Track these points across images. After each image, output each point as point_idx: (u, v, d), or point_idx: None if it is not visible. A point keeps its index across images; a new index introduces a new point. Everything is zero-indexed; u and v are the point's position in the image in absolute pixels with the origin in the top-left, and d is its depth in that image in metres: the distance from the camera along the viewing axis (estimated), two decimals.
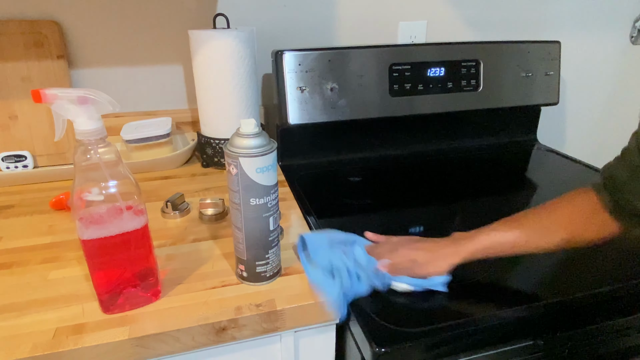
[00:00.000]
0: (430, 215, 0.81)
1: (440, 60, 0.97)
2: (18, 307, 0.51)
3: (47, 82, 0.85)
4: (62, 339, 0.46)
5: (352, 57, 0.91)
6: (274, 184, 0.51)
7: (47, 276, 0.57)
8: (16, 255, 0.61)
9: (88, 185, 0.45)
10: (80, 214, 0.46)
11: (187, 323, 0.49)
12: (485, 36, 1.16)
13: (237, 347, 0.55)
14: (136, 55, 0.96)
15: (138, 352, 0.48)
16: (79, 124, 0.43)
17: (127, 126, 0.90)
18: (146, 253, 0.51)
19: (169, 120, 0.93)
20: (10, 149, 0.84)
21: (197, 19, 0.96)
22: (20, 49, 0.83)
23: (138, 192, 0.48)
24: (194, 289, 0.54)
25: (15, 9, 0.85)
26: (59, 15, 0.88)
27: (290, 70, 0.88)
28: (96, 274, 0.49)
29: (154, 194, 0.80)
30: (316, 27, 1.04)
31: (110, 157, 0.46)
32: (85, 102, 0.43)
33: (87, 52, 0.92)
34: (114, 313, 0.50)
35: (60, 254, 0.61)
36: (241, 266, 0.55)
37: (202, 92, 0.87)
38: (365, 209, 0.81)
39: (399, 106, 0.96)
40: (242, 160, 0.48)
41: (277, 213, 0.53)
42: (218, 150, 0.89)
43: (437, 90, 0.98)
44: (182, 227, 0.69)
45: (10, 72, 0.83)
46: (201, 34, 0.81)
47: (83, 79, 0.94)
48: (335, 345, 0.60)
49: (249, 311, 0.51)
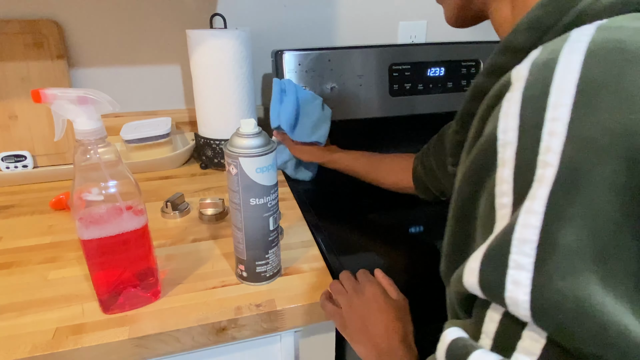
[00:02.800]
0: (430, 215, 0.81)
1: (440, 60, 0.97)
2: (18, 307, 0.51)
3: (46, 82, 0.85)
4: (62, 339, 0.46)
5: (352, 57, 0.91)
6: (274, 184, 0.51)
7: (47, 276, 0.57)
8: (16, 255, 0.61)
9: (88, 185, 0.45)
10: (80, 214, 0.46)
11: (187, 323, 0.49)
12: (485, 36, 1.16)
13: (237, 347, 0.55)
14: (136, 55, 0.96)
15: (138, 352, 0.48)
16: (79, 124, 0.43)
17: (127, 126, 0.90)
18: (146, 253, 0.51)
19: (168, 120, 0.93)
20: (10, 149, 0.84)
21: (197, 19, 0.96)
22: (20, 49, 0.83)
23: (138, 192, 0.48)
24: (194, 289, 0.54)
25: (15, 9, 0.85)
26: (59, 15, 0.88)
27: (290, 70, 0.88)
28: (96, 274, 0.49)
29: (154, 194, 0.80)
30: (316, 27, 1.04)
31: (110, 157, 0.46)
32: (85, 102, 0.43)
33: (86, 52, 0.92)
34: (114, 313, 0.50)
35: (60, 254, 0.61)
36: (241, 266, 0.55)
37: (200, 92, 0.87)
38: (365, 209, 0.81)
39: (399, 106, 0.96)
40: (242, 160, 0.48)
41: (277, 213, 0.53)
42: (218, 151, 0.89)
43: (437, 90, 0.98)
44: (182, 227, 0.69)
45: (10, 72, 0.83)
46: (198, 33, 0.81)
47: (83, 79, 0.94)
48: (335, 345, 0.60)
49: (249, 311, 0.51)
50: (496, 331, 0.25)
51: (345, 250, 0.66)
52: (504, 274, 0.23)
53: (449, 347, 0.26)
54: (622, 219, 0.21)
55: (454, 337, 0.26)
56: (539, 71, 0.25)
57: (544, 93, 0.24)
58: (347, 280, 0.52)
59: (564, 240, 0.22)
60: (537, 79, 0.25)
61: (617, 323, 0.20)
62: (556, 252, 0.22)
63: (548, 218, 0.22)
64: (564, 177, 0.22)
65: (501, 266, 0.23)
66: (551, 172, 0.22)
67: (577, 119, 0.22)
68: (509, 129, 0.25)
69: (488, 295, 0.24)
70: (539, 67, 0.25)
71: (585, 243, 0.21)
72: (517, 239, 0.23)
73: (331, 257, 0.63)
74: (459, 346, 0.26)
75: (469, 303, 0.28)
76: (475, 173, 0.28)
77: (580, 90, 0.23)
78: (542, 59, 0.25)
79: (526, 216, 0.23)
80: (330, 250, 0.65)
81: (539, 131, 0.23)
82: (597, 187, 0.22)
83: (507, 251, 0.23)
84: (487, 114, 0.28)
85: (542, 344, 0.22)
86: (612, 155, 0.21)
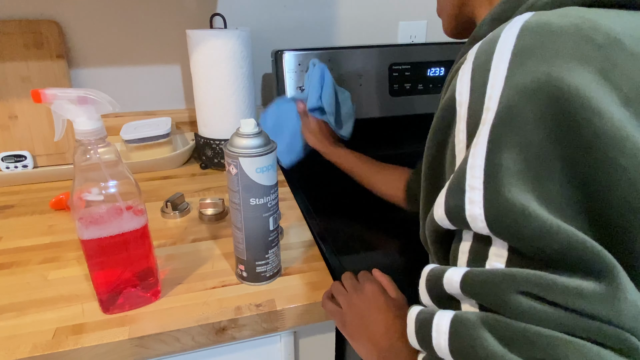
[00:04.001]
0: None
1: (440, 60, 0.97)
2: (18, 307, 0.51)
3: (46, 82, 0.85)
4: (62, 339, 0.46)
5: (352, 57, 0.91)
6: (274, 184, 0.51)
7: (47, 276, 0.57)
8: (16, 255, 0.61)
9: (88, 185, 0.45)
10: (80, 214, 0.46)
11: (187, 323, 0.49)
12: None
13: (237, 347, 0.55)
14: (136, 55, 0.96)
15: (138, 352, 0.48)
16: (79, 124, 0.43)
17: (127, 126, 0.90)
18: (146, 253, 0.51)
19: (168, 120, 0.93)
20: (10, 149, 0.84)
21: (197, 19, 0.96)
22: (20, 49, 0.83)
23: (138, 192, 0.48)
24: (194, 289, 0.54)
25: (15, 9, 0.85)
26: (59, 15, 0.88)
27: (290, 70, 0.88)
28: (96, 274, 0.49)
29: (154, 194, 0.80)
30: (316, 27, 1.04)
31: (110, 157, 0.46)
32: (85, 102, 0.43)
33: (86, 52, 0.92)
34: (113, 313, 0.50)
35: (60, 254, 0.61)
36: (241, 266, 0.55)
37: (200, 92, 0.87)
38: (365, 209, 0.81)
39: (399, 106, 0.96)
40: (242, 160, 0.48)
41: (277, 213, 0.53)
42: (218, 151, 0.89)
43: (437, 90, 0.98)
44: (182, 227, 0.69)
45: (10, 72, 0.83)
46: (198, 33, 0.81)
47: (83, 79, 0.94)
48: (335, 345, 0.60)
49: (249, 311, 0.51)
50: (467, 258, 0.30)
51: (345, 250, 0.66)
52: (462, 197, 0.28)
53: (428, 276, 0.31)
54: (551, 146, 0.26)
55: (430, 268, 0.31)
56: (485, 45, 0.31)
57: (488, 60, 0.30)
58: (347, 281, 0.52)
59: (505, 162, 0.27)
60: (483, 51, 0.31)
61: (554, 223, 0.25)
62: (500, 172, 0.27)
63: (490, 146, 0.27)
64: (501, 115, 0.27)
65: (460, 192, 0.28)
66: (492, 113, 0.28)
67: (511, 73, 0.28)
68: (463, 92, 0.31)
69: (453, 220, 0.29)
70: (485, 42, 0.31)
71: (522, 167, 0.26)
72: (470, 166, 0.28)
73: (331, 257, 0.63)
74: (435, 272, 0.31)
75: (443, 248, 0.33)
76: (439, 130, 0.34)
77: (514, 53, 0.28)
78: (488, 38, 0.32)
79: (474, 149, 0.28)
80: (330, 250, 0.65)
81: (484, 87, 0.29)
82: (528, 122, 0.26)
83: (463, 179, 0.28)
84: (448, 85, 0.35)
85: (505, 256, 0.27)
86: (539, 96, 0.26)
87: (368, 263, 0.64)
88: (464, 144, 0.30)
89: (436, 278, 0.30)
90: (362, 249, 0.69)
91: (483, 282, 0.27)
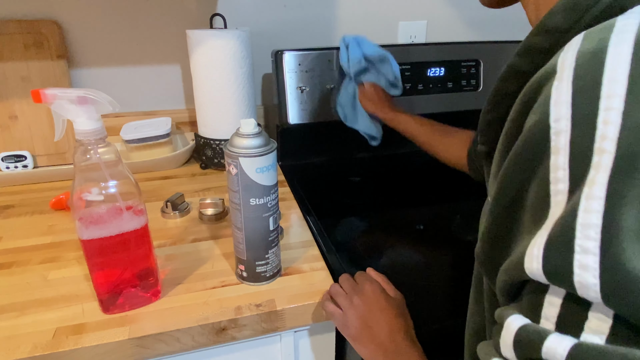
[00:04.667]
0: (430, 214, 0.81)
1: (440, 60, 0.97)
2: (18, 307, 0.51)
3: (46, 82, 0.85)
4: (62, 339, 0.46)
5: None
6: (274, 184, 0.51)
7: (47, 276, 0.57)
8: (16, 255, 0.61)
9: (88, 185, 0.45)
10: (80, 214, 0.46)
11: (187, 323, 0.49)
12: (485, 36, 1.16)
13: (237, 347, 0.55)
14: (136, 55, 0.96)
15: (138, 352, 0.48)
16: (79, 124, 0.43)
17: (127, 126, 0.90)
18: (146, 253, 0.51)
19: (168, 120, 0.93)
20: (10, 149, 0.84)
21: (197, 19, 0.96)
22: (20, 49, 0.83)
23: (138, 192, 0.48)
24: (194, 289, 0.54)
25: (15, 9, 0.85)
26: (59, 15, 0.88)
27: (290, 70, 0.88)
28: (96, 274, 0.49)
29: (154, 194, 0.80)
30: (316, 27, 1.04)
31: (110, 157, 0.46)
32: (85, 102, 0.43)
33: (86, 52, 0.92)
34: (113, 313, 0.50)
35: (60, 254, 0.61)
36: (241, 266, 0.55)
37: (200, 92, 0.87)
38: (365, 209, 0.81)
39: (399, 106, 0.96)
40: (242, 160, 0.48)
41: (277, 213, 0.53)
42: (218, 151, 0.89)
43: (437, 90, 0.98)
44: (182, 227, 0.69)
45: (10, 72, 0.83)
46: (198, 33, 0.81)
47: (83, 79, 0.94)
48: (335, 345, 0.60)
49: (249, 311, 0.51)
50: (559, 314, 0.25)
51: (345, 250, 0.66)
52: (570, 259, 0.24)
53: (518, 334, 0.27)
54: None
55: (520, 324, 0.27)
56: (587, 62, 0.25)
57: (596, 83, 0.24)
58: (346, 282, 0.52)
59: (626, 222, 0.22)
60: (587, 70, 0.25)
61: None
62: (620, 234, 0.22)
63: (609, 202, 0.23)
64: (622, 163, 0.23)
65: (567, 251, 0.24)
66: (609, 158, 0.23)
67: (631, 108, 0.23)
68: (562, 118, 0.25)
69: (554, 280, 0.25)
70: (587, 58, 0.26)
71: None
72: (581, 224, 0.23)
73: (331, 257, 0.63)
74: (529, 332, 0.26)
75: (517, 290, 0.29)
76: (526, 160, 0.28)
77: (632, 81, 0.24)
78: (589, 49, 0.26)
79: (588, 202, 0.23)
80: (330, 250, 0.65)
81: (594, 120, 0.24)
82: None
83: (571, 236, 0.24)
84: (530, 100, 0.29)
85: (609, 323, 0.23)
86: None
87: (368, 263, 0.64)
88: (565, 186, 0.25)
89: (531, 341, 0.26)
90: (362, 249, 0.69)
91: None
